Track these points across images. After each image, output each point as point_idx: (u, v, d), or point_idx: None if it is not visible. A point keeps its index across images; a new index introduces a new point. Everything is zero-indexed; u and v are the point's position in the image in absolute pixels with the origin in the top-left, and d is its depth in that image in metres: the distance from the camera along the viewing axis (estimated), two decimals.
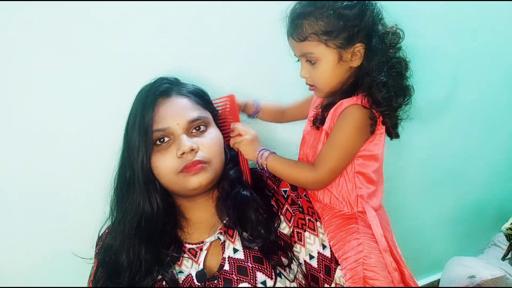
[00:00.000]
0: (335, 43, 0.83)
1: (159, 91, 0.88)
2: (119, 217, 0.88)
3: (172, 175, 0.84)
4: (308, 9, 0.84)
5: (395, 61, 0.86)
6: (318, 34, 0.83)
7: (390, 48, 0.85)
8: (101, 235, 0.96)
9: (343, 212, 0.93)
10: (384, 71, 0.84)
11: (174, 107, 0.87)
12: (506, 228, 1.46)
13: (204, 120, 0.88)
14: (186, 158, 0.83)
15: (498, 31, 1.45)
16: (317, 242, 0.90)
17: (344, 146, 0.86)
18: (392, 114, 0.88)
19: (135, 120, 0.86)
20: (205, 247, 0.87)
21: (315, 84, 0.90)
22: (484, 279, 1.38)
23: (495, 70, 1.50)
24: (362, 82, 0.86)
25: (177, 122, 0.85)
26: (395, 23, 0.87)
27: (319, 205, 0.96)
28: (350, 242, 0.88)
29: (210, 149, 0.86)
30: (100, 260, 0.89)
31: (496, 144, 1.60)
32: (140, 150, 0.83)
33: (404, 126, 0.93)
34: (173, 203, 0.92)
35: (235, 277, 0.82)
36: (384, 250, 0.87)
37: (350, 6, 0.82)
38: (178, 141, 0.84)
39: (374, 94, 0.84)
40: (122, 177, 0.89)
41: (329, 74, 0.86)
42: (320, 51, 0.84)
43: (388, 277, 0.84)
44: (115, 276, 0.84)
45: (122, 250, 0.85)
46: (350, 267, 0.85)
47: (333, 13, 0.82)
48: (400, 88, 0.87)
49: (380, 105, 0.84)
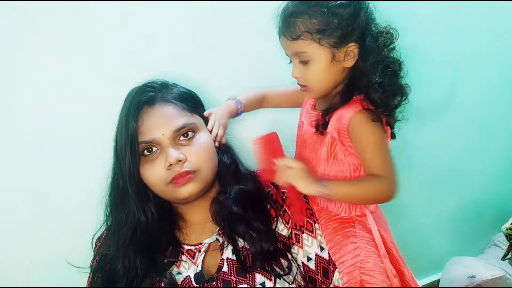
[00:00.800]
0: (329, 42, 0.82)
1: (142, 101, 0.85)
2: (114, 226, 0.88)
3: (161, 185, 0.83)
4: (301, 7, 0.83)
5: (390, 61, 0.85)
6: (311, 32, 0.81)
7: (384, 48, 0.85)
8: (98, 239, 0.96)
9: (340, 216, 0.92)
10: (379, 71, 0.83)
11: (158, 116, 0.84)
12: (506, 228, 1.46)
13: (191, 126, 0.86)
14: (174, 169, 0.81)
15: (498, 31, 1.45)
16: (315, 244, 0.90)
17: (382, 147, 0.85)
18: (392, 114, 0.87)
19: (121, 129, 0.85)
20: (203, 249, 0.87)
21: (307, 84, 0.88)
22: (484, 279, 1.38)
23: (495, 70, 1.49)
24: (358, 83, 0.85)
25: (162, 132, 0.82)
26: (388, 24, 0.86)
27: (316, 207, 0.96)
28: (347, 246, 0.87)
29: (199, 157, 0.84)
30: (95, 269, 0.89)
31: (496, 144, 1.60)
32: (127, 160, 0.82)
33: (402, 126, 0.92)
34: (169, 206, 0.92)
35: (234, 279, 0.82)
36: (384, 256, 0.86)
37: (344, 4, 0.81)
38: (165, 152, 0.82)
39: (370, 95, 0.83)
40: (115, 185, 0.88)
41: (321, 74, 0.85)
42: (313, 50, 0.83)
43: (386, 281, 0.83)
44: (112, 282, 0.84)
45: (117, 259, 0.84)
46: (347, 271, 0.85)
47: (327, 11, 0.81)
48: (396, 87, 0.86)
49: (377, 106, 0.83)
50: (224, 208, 0.87)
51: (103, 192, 0.91)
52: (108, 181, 0.90)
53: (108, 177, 0.90)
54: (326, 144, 0.89)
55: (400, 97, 0.87)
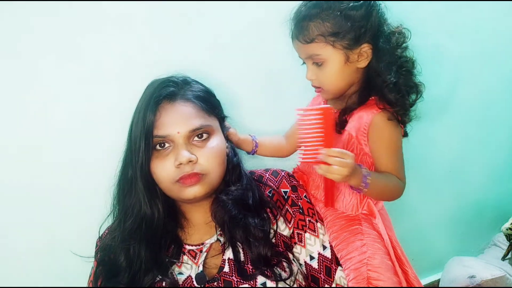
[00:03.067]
0: (342, 44, 0.83)
1: (163, 95, 0.84)
2: (120, 216, 0.87)
3: (168, 183, 0.83)
4: (314, 11, 0.84)
5: (403, 60, 0.86)
6: (325, 35, 0.83)
7: (397, 47, 0.86)
8: (102, 234, 0.95)
9: (346, 214, 0.93)
10: (393, 71, 0.84)
11: (176, 114, 0.83)
12: (506, 228, 1.46)
13: (207, 128, 0.85)
14: (183, 169, 0.81)
15: (498, 31, 1.45)
16: (318, 243, 0.90)
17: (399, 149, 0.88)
18: (407, 113, 0.89)
19: (138, 119, 0.84)
20: (204, 249, 0.87)
21: (322, 85, 0.89)
22: (484, 279, 1.38)
23: (495, 70, 1.50)
24: (374, 83, 0.86)
25: (178, 130, 0.82)
26: (400, 23, 0.88)
27: (322, 205, 0.96)
28: (354, 243, 0.88)
29: (210, 160, 0.83)
30: (100, 259, 0.89)
31: (496, 144, 1.60)
32: (140, 152, 0.82)
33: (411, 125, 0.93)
34: (174, 203, 0.91)
35: (235, 279, 0.82)
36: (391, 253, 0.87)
37: (357, 6, 0.82)
38: (177, 150, 0.82)
39: (386, 95, 0.84)
40: (124, 174, 0.88)
41: (336, 75, 0.86)
42: (327, 52, 0.84)
43: (392, 278, 0.84)
44: (114, 275, 0.84)
45: (121, 250, 0.84)
46: (354, 267, 0.86)
47: (340, 14, 0.82)
48: (411, 86, 0.87)
49: (393, 105, 0.85)
50: (224, 209, 0.87)
51: (107, 189, 0.91)
52: (117, 170, 0.89)
53: (117, 166, 0.90)
54: (342, 142, 0.90)
55: (415, 95, 0.89)
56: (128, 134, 0.87)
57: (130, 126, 0.87)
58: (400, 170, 0.88)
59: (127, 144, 0.88)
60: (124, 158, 0.89)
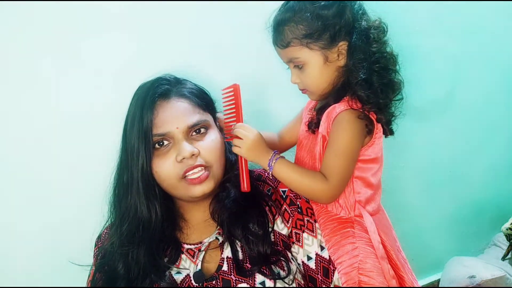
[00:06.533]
0: (318, 44, 0.83)
1: (157, 93, 0.84)
2: (117, 221, 0.87)
3: (173, 180, 0.83)
4: (287, 15, 0.84)
5: (379, 56, 0.84)
6: (299, 38, 0.83)
7: (373, 43, 0.84)
8: (98, 239, 0.95)
9: (339, 216, 0.91)
10: (364, 68, 0.82)
11: (173, 110, 0.84)
12: (506, 228, 1.46)
13: (205, 123, 0.86)
14: (186, 163, 0.81)
15: (498, 31, 1.45)
16: (315, 243, 0.89)
17: (347, 153, 0.84)
18: (384, 111, 0.86)
19: (133, 122, 0.84)
20: (203, 248, 0.87)
21: (306, 88, 0.90)
22: (484, 279, 1.38)
23: (495, 70, 1.50)
24: (348, 81, 0.85)
25: (176, 126, 0.82)
26: (378, 17, 0.86)
27: (315, 207, 0.95)
28: (345, 246, 0.86)
29: (211, 152, 0.84)
30: (98, 265, 0.89)
31: (496, 144, 1.60)
32: (140, 154, 0.82)
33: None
34: (172, 206, 0.91)
35: (233, 278, 0.82)
36: (382, 258, 0.85)
37: (328, 6, 0.82)
38: (178, 146, 0.82)
39: (357, 92, 0.83)
40: (120, 179, 0.88)
41: (317, 76, 0.86)
42: (304, 54, 0.84)
43: (384, 282, 0.82)
44: (112, 281, 0.84)
45: (120, 257, 0.84)
46: (345, 272, 0.84)
47: (311, 15, 0.82)
48: (386, 83, 0.85)
49: (365, 103, 0.83)
50: (223, 208, 0.87)
51: (104, 193, 0.91)
52: (112, 176, 0.89)
53: (112, 172, 0.90)
54: (318, 144, 0.89)
55: (392, 93, 0.86)
56: (122, 139, 0.87)
57: (123, 129, 0.87)
58: (335, 174, 0.84)
59: (121, 149, 0.88)
60: (119, 163, 0.88)
